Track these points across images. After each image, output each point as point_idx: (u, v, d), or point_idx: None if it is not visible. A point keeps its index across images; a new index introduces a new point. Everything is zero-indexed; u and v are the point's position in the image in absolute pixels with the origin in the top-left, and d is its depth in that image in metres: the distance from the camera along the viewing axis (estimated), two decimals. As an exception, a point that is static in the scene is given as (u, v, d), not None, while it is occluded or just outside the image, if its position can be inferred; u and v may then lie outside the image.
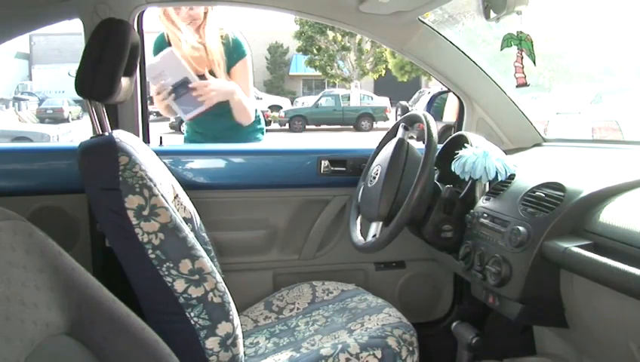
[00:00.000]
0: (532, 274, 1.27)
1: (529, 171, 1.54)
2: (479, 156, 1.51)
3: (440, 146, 1.74)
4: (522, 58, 1.44)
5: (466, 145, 1.58)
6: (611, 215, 1.19)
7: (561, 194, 1.31)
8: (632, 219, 1.13)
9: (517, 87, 1.51)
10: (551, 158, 1.91)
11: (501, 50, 1.47)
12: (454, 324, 1.57)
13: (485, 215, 1.46)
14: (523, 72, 1.47)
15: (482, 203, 1.51)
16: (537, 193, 1.37)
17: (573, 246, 1.16)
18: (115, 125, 1.69)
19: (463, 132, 1.75)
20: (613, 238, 1.13)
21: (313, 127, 19.88)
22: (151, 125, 1.93)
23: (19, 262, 0.94)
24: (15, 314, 0.90)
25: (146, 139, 1.92)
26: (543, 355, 1.56)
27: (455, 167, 1.54)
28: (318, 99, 20.82)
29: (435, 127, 1.53)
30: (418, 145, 1.61)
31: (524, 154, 1.95)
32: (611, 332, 1.20)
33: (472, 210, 1.50)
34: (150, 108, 2.00)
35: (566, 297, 1.25)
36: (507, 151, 1.91)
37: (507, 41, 1.45)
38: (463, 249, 1.48)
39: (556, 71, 13.68)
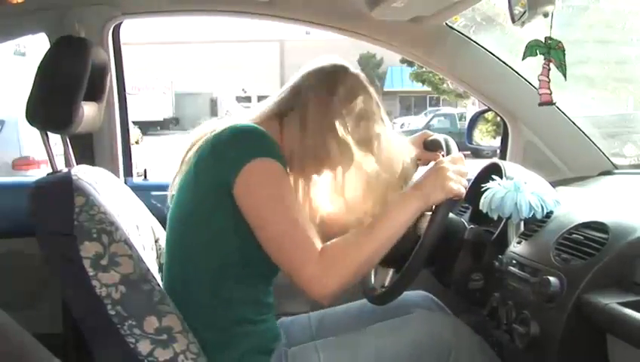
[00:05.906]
0: (568, 336, 1.04)
1: (573, 207, 1.28)
2: (509, 190, 1.27)
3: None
4: (549, 70, 1.21)
5: (494, 176, 1.34)
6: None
7: (604, 236, 1.07)
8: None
9: (540, 105, 1.27)
10: (617, 191, 1.60)
11: (523, 59, 1.24)
12: None
13: (514, 261, 1.23)
14: (549, 88, 1.23)
15: (513, 246, 1.28)
16: (574, 235, 1.14)
17: (615, 303, 0.94)
18: (90, 158, 1.58)
19: (495, 160, 1.50)
20: None
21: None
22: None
23: None
24: None
25: (128, 172, 1.79)
26: None
27: (482, 203, 1.31)
28: (430, 120, 17.58)
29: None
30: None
31: (585, 185, 1.66)
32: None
33: (500, 256, 1.27)
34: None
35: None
36: (566, 181, 1.63)
37: (532, 48, 1.21)
38: (490, 303, 1.25)
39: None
